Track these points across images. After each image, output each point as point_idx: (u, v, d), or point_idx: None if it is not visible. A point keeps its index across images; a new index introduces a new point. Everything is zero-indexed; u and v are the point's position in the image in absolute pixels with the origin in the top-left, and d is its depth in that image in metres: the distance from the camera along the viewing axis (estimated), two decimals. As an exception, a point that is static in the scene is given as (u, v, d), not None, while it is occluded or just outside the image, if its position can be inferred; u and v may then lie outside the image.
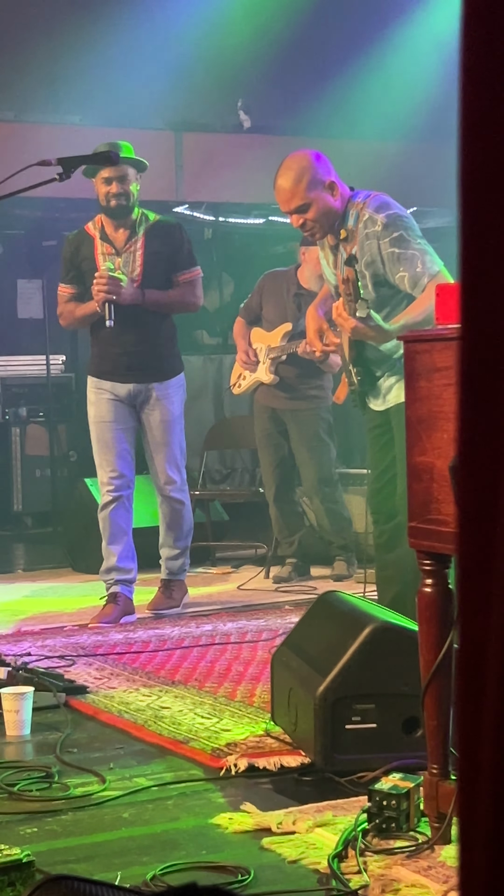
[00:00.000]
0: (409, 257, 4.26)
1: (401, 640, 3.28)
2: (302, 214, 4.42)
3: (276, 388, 6.79)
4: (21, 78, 8.75)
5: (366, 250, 4.34)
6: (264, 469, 7.00)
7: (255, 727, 3.74)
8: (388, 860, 2.67)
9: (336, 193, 4.42)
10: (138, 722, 3.86)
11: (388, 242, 4.28)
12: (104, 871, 2.67)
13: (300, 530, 6.90)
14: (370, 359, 4.48)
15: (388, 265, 4.29)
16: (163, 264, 5.69)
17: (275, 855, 2.78)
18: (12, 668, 4.17)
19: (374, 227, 4.31)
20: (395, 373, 4.44)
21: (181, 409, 5.84)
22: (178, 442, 5.83)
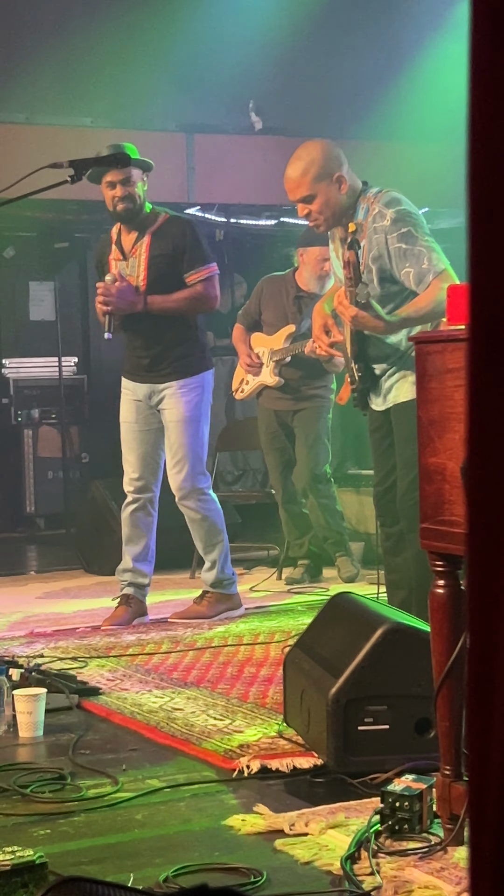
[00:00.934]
0: (415, 254, 4.26)
1: (413, 642, 3.28)
2: (307, 205, 4.44)
3: (281, 391, 6.79)
4: (32, 80, 8.77)
5: (373, 244, 4.34)
6: (271, 472, 7.01)
7: (268, 728, 3.74)
8: (400, 861, 2.67)
9: (343, 187, 4.42)
10: (151, 723, 3.87)
11: (396, 238, 4.29)
12: (116, 872, 2.67)
13: (310, 532, 6.90)
14: (371, 355, 4.48)
15: (394, 260, 4.30)
16: (168, 267, 5.57)
17: (287, 856, 2.78)
18: (25, 669, 4.18)
19: (383, 222, 4.32)
20: (396, 373, 4.44)
21: (197, 410, 5.64)
22: (191, 445, 5.61)
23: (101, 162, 4.87)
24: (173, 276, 5.59)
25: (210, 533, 5.71)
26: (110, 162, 4.91)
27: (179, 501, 5.69)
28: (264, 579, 6.81)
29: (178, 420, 5.63)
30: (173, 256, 5.58)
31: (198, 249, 5.62)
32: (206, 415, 5.71)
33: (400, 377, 4.43)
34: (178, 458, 5.63)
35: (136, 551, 5.74)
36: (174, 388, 5.64)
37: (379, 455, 4.65)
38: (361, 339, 4.46)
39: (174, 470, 5.65)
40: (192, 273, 5.59)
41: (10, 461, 9.38)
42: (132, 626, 5.55)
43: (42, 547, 8.79)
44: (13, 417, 9.40)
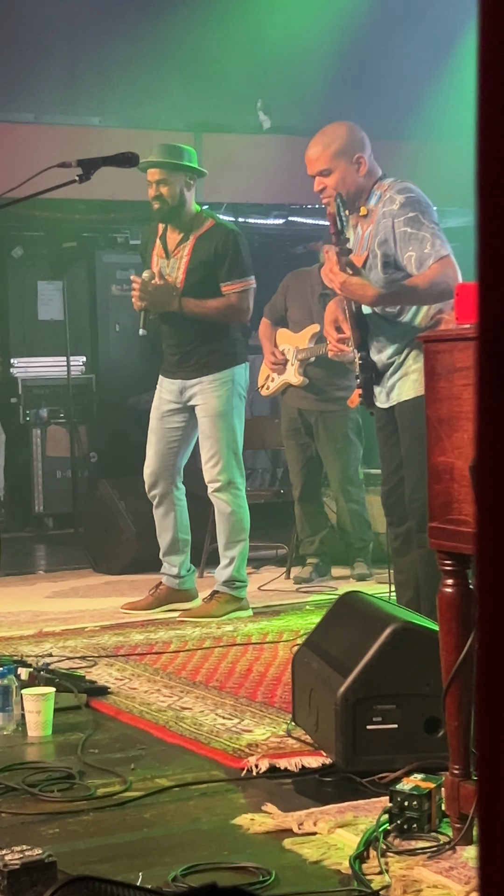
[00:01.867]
0: (419, 238, 4.29)
1: (422, 641, 3.28)
2: (323, 178, 4.46)
3: (305, 390, 6.80)
4: (40, 79, 8.76)
5: (381, 229, 4.38)
6: (291, 469, 7.01)
7: (277, 728, 3.74)
8: (409, 861, 2.67)
9: (362, 170, 4.46)
10: (159, 722, 3.87)
11: (402, 221, 4.32)
12: (126, 871, 2.67)
13: (323, 530, 6.90)
14: (375, 341, 4.48)
15: (398, 244, 4.32)
16: (206, 274, 5.63)
17: (296, 856, 2.78)
18: (34, 668, 4.18)
19: (392, 206, 4.36)
20: (399, 369, 4.44)
21: (229, 404, 5.69)
22: (225, 439, 5.68)
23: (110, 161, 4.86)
24: (210, 282, 5.65)
25: (235, 529, 5.75)
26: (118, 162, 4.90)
27: (213, 493, 5.76)
28: (273, 579, 6.81)
29: (211, 415, 5.69)
30: (213, 264, 5.64)
31: (238, 261, 5.67)
32: (238, 409, 5.76)
33: (402, 374, 4.44)
34: (213, 451, 5.70)
35: (164, 544, 5.95)
36: (204, 383, 5.71)
37: (385, 453, 4.64)
38: (363, 326, 4.47)
39: (210, 463, 5.72)
40: (229, 283, 5.64)
41: (18, 461, 9.39)
42: (140, 625, 5.56)
43: (51, 546, 8.80)
44: (22, 417, 9.40)
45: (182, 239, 5.72)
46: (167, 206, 5.66)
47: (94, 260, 9.78)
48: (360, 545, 6.79)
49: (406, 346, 4.42)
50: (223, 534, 5.77)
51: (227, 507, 5.73)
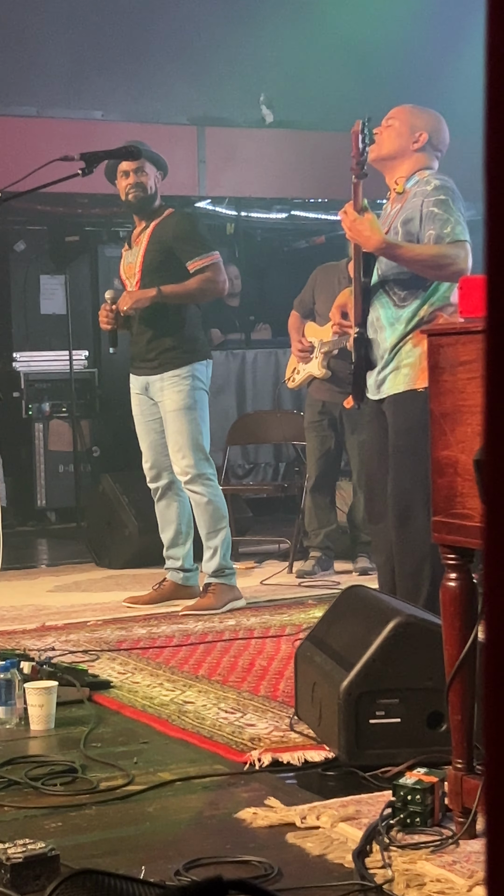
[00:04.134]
0: (442, 219, 4.35)
1: (425, 635, 3.28)
2: (384, 126, 4.56)
3: (329, 382, 6.81)
4: (43, 73, 8.76)
5: (409, 207, 4.45)
6: (308, 458, 7.03)
7: (279, 722, 3.73)
8: (412, 855, 2.67)
9: (416, 144, 4.54)
10: (162, 716, 3.87)
11: (432, 202, 4.39)
12: (129, 865, 2.67)
13: (330, 526, 6.91)
14: (374, 321, 4.49)
15: (423, 222, 4.39)
16: (164, 256, 5.73)
17: (299, 849, 2.78)
18: (37, 662, 4.19)
19: (426, 187, 4.45)
20: (391, 363, 4.44)
21: (191, 398, 5.76)
22: (190, 431, 5.74)
23: (112, 154, 4.87)
24: (170, 264, 5.74)
25: (214, 518, 5.79)
26: (122, 154, 4.91)
27: (185, 486, 5.82)
28: (275, 573, 6.81)
29: (174, 409, 5.77)
30: (171, 247, 5.74)
31: (196, 238, 5.78)
32: (201, 402, 5.82)
33: (395, 368, 4.44)
34: (180, 445, 5.76)
35: (168, 538, 6.00)
36: (165, 379, 5.79)
37: (375, 442, 4.63)
38: (367, 300, 4.48)
39: (178, 457, 5.78)
40: (195, 260, 5.73)
41: (21, 455, 9.38)
42: (143, 620, 5.56)
43: (53, 541, 8.79)
44: (24, 411, 9.39)
45: (143, 228, 5.85)
46: (144, 195, 5.77)
47: (96, 254, 9.78)
48: (367, 539, 6.78)
49: (401, 338, 4.42)
50: (203, 525, 5.82)
51: (203, 497, 5.77)
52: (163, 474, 5.91)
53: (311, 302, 6.95)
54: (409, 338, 4.40)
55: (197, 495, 5.79)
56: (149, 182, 5.75)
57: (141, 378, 5.90)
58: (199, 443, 5.77)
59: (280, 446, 9.27)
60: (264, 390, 9.61)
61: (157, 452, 5.91)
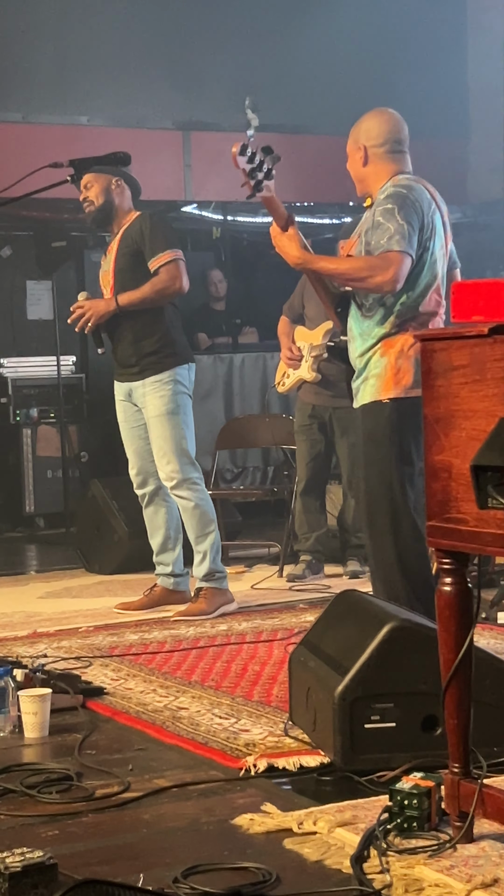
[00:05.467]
0: (384, 229, 4.28)
1: (419, 639, 3.28)
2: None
3: (319, 386, 6.82)
4: (29, 78, 8.76)
5: (368, 217, 4.40)
6: (298, 463, 7.03)
7: (274, 727, 3.73)
8: (410, 860, 2.67)
9: (361, 161, 4.48)
10: (156, 723, 3.86)
11: (379, 211, 4.34)
12: (126, 872, 2.66)
13: (320, 529, 6.91)
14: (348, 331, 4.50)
15: (372, 231, 4.33)
16: (133, 260, 5.76)
17: (297, 855, 2.77)
18: (29, 670, 4.18)
19: (381, 196, 4.40)
20: (362, 374, 4.44)
21: (173, 403, 5.75)
22: (174, 436, 5.73)
23: (101, 161, 4.86)
24: (139, 268, 5.76)
25: (202, 522, 5.78)
26: (110, 161, 4.91)
27: (172, 491, 5.81)
28: (266, 577, 6.81)
29: (156, 415, 5.77)
30: (136, 249, 5.77)
31: (156, 237, 5.77)
32: (184, 406, 5.81)
33: (364, 378, 4.45)
34: (164, 451, 5.76)
35: (157, 544, 6.01)
36: (147, 385, 5.80)
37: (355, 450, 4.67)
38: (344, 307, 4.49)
39: (162, 462, 5.78)
40: (154, 259, 5.75)
41: (8, 461, 9.37)
42: (134, 625, 5.55)
43: (42, 546, 8.78)
44: (12, 417, 9.39)
45: (113, 236, 5.90)
46: (94, 207, 5.80)
47: (82, 259, 9.77)
48: (356, 542, 6.80)
49: (369, 349, 4.42)
50: (191, 530, 5.81)
51: (189, 502, 5.77)
52: (149, 480, 5.92)
53: (300, 307, 6.96)
54: (376, 348, 4.40)
55: (183, 500, 5.78)
56: (96, 194, 5.78)
57: (124, 385, 5.90)
58: (183, 447, 5.76)
59: (268, 450, 9.28)
60: (252, 394, 9.61)
61: (142, 459, 5.91)
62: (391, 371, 4.36)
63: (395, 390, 4.35)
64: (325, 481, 7.09)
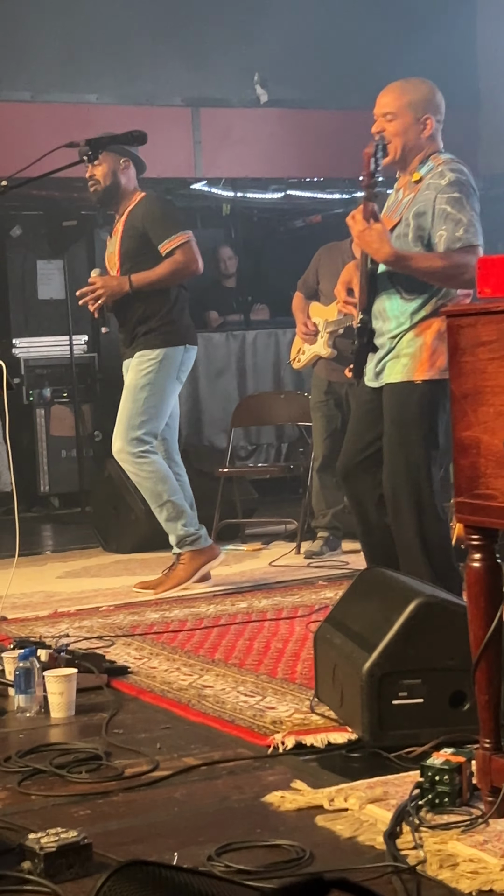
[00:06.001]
0: (456, 220, 4.25)
1: (446, 615, 3.29)
2: (384, 122, 4.42)
3: (335, 362, 6.80)
4: (37, 58, 8.72)
5: (421, 199, 4.34)
6: (315, 439, 7.03)
7: (300, 704, 3.74)
8: (443, 835, 2.67)
9: (426, 131, 4.43)
10: (182, 701, 3.87)
11: (445, 199, 4.28)
12: (160, 851, 2.68)
13: (337, 506, 6.91)
14: (379, 311, 4.46)
15: (435, 220, 4.29)
16: (139, 242, 5.75)
17: (329, 832, 2.78)
18: (53, 650, 4.19)
19: (440, 181, 4.33)
20: (390, 352, 4.42)
21: (145, 380, 5.74)
22: (130, 409, 5.75)
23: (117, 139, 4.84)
24: (145, 250, 5.76)
25: (153, 494, 5.80)
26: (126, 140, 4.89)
27: (122, 464, 5.87)
28: (283, 554, 6.81)
29: (127, 386, 5.83)
30: (142, 232, 5.76)
31: (165, 219, 5.78)
32: (158, 387, 5.77)
33: (394, 357, 4.42)
34: (120, 422, 5.80)
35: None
36: (135, 358, 5.82)
37: (360, 429, 4.61)
38: (373, 289, 4.45)
39: (116, 434, 5.83)
40: (166, 242, 5.74)
41: (22, 441, 9.38)
42: (155, 604, 5.56)
43: (58, 526, 8.80)
44: (25, 397, 9.39)
45: (118, 216, 5.89)
46: (100, 187, 5.79)
47: (93, 238, 9.75)
48: None
49: (404, 329, 4.40)
50: (148, 500, 5.88)
51: (135, 476, 5.82)
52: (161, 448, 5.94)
53: (314, 282, 6.94)
54: (412, 328, 4.38)
55: (130, 474, 5.84)
56: (104, 173, 5.75)
57: (126, 361, 5.95)
58: (134, 422, 5.74)
59: (282, 427, 9.28)
60: (265, 371, 9.61)
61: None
62: (427, 352, 4.34)
63: (429, 371, 4.33)
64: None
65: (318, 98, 9.51)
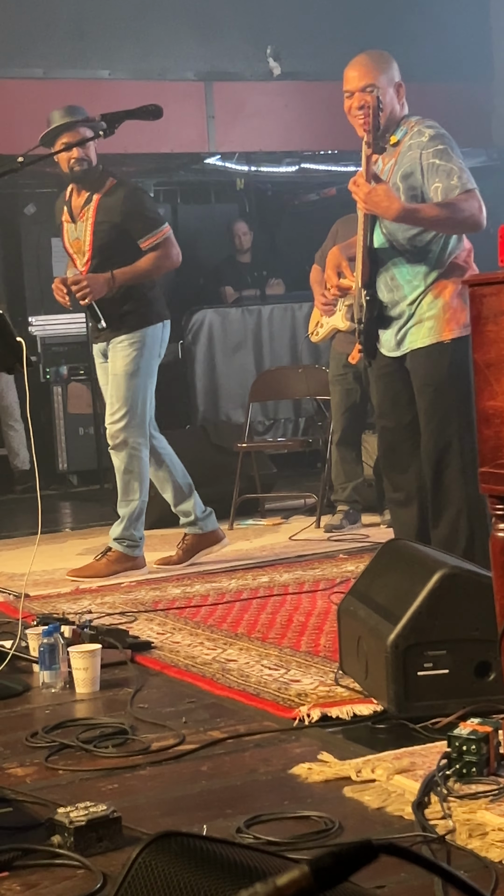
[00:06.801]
0: (447, 170, 4.29)
1: (470, 586, 3.28)
2: (365, 95, 4.40)
3: (353, 335, 6.77)
4: (49, 34, 8.69)
5: (405, 161, 4.37)
6: (333, 413, 7.01)
7: (324, 676, 3.74)
8: (471, 805, 2.67)
9: (400, 97, 4.48)
10: (206, 675, 3.88)
11: (431, 153, 4.32)
12: (189, 824, 2.69)
13: (357, 479, 6.90)
14: (386, 281, 4.46)
15: (426, 175, 4.32)
16: (116, 235, 5.67)
17: (357, 803, 2.78)
18: (77, 626, 4.20)
19: (420, 138, 4.38)
20: (410, 318, 4.42)
21: (135, 365, 5.71)
22: (129, 398, 5.71)
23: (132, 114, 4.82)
24: (121, 243, 5.68)
25: (128, 488, 5.78)
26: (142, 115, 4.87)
27: (111, 449, 5.82)
28: (303, 528, 6.81)
29: (117, 373, 5.75)
30: (121, 225, 5.68)
31: (146, 215, 5.73)
32: (146, 369, 5.75)
33: (416, 322, 4.43)
34: (115, 409, 5.75)
35: (171, 497, 5.96)
36: (116, 342, 5.75)
37: (388, 403, 4.60)
38: (374, 261, 4.45)
39: (110, 420, 5.77)
40: (147, 238, 5.69)
41: (40, 419, 9.39)
42: (176, 579, 5.58)
43: (77, 503, 8.81)
44: (42, 375, 9.39)
45: (86, 200, 5.75)
46: (89, 167, 5.69)
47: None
48: None
49: (420, 294, 4.40)
50: (119, 491, 5.82)
51: (121, 465, 5.77)
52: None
53: None
54: (428, 291, 4.39)
55: (118, 461, 5.78)
56: (91, 153, 5.68)
57: (100, 345, 5.87)
58: (136, 410, 5.72)
59: (299, 401, 9.26)
60: (281, 346, 9.60)
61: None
62: (449, 311, 4.37)
63: (456, 329, 4.37)
64: (361, 431, 7.06)
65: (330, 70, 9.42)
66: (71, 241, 5.83)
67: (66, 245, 5.89)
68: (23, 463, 9.30)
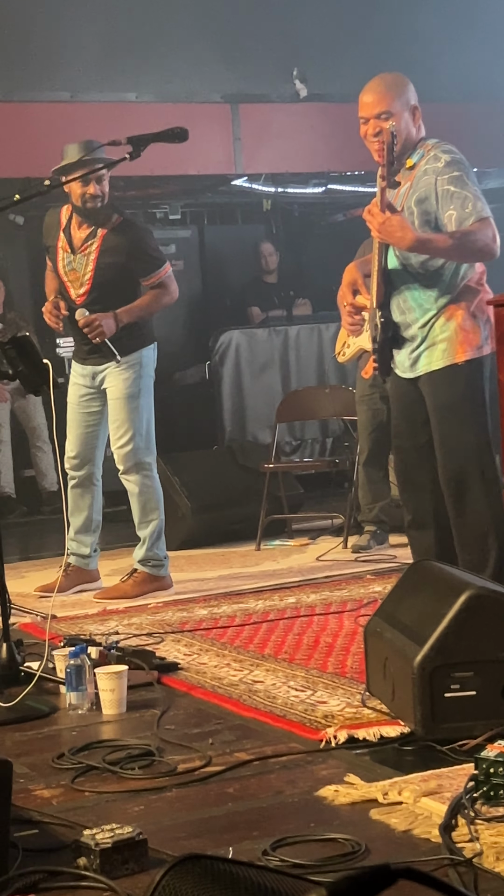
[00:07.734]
0: (461, 197, 4.28)
1: (497, 607, 3.26)
2: (381, 122, 4.41)
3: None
4: (76, 57, 8.75)
5: (421, 185, 4.37)
6: (360, 432, 7.02)
7: (351, 698, 3.73)
8: (499, 827, 2.65)
9: (416, 121, 4.47)
10: (233, 696, 3.87)
11: (446, 180, 4.31)
12: (215, 846, 2.68)
13: (384, 499, 6.89)
14: (399, 303, 4.46)
15: (440, 202, 4.31)
16: (118, 272, 5.71)
17: (384, 826, 2.77)
18: (104, 647, 4.20)
19: (436, 164, 4.36)
20: (424, 341, 4.43)
21: (136, 386, 5.76)
22: (133, 420, 5.75)
23: (159, 137, 4.84)
24: (122, 280, 5.74)
25: (146, 509, 5.84)
26: (168, 137, 4.89)
27: (122, 475, 5.87)
28: (330, 548, 6.80)
29: (119, 397, 5.77)
30: (125, 265, 5.72)
31: (151, 254, 5.79)
32: (146, 389, 5.81)
33: (429, 344, 4.43)
34: (122, 432, 5.78)
35: (78, 524, 6.04)
36: (112, 366, 5.76)
37: (405, 420, 4.61)
38: (388, 283, 4.46)
39: (118, 444, 5.81)
40: (150, 277, 5.78)
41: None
42: (203, 600, 5.57)
43: (103, 524, 8.74)
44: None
45: (90, 235, 5.75)
46: (103, 205, 5.71)
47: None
48: None
49: (432, 317, 4.41)
50: (135, 514, 5.88)
51: (136, 488, 5.82)
52: (85, 466, 5.99)
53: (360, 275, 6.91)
54: (440, 314, 4.40)
55: (132, 485, 5.83)
56: (105, 189, 5.70)
57: (87, 367, 5.87)
58: (142, 431, 5.77)
59: (326, 421, 9.26)
60: (308, 366, 9.60)
61: (84, 445, 5.97)
62: (461, 333, 4.37)
63: (468, 351, 4.37)
64: (388, 451, 7.04)
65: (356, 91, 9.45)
66: (68, 272, 5.81)
67: (59, 271, 5.86)
68: (51, 484, 9.32)
